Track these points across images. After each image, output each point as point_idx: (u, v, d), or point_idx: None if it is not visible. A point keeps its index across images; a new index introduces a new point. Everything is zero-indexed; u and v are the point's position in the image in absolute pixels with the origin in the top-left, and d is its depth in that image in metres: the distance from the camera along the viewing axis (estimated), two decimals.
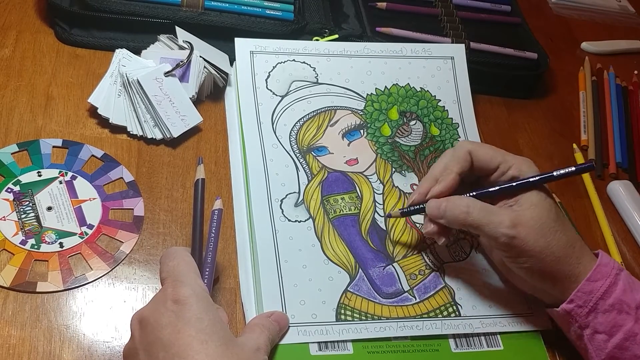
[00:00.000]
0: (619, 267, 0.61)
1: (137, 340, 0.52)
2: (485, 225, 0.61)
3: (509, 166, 0.65)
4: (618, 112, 0.94)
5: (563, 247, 0.61)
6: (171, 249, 0.58)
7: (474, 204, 0.63)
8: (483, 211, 0.62)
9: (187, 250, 0.59)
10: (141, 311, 0.54)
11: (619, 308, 0.60)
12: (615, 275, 0.61)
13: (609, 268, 0.61)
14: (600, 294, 0.60)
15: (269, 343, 0.57)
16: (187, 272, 0.55)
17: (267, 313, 0.61)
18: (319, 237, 0.68)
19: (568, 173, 0.64)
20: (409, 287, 0.67)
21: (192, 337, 0.50)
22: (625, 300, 0.60)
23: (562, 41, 1.06)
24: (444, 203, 0.64)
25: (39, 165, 0.70)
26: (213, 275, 0.59)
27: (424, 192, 0.66)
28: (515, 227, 0.60)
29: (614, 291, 0.60)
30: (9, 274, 0.61)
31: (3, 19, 0.83)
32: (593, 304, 0.60)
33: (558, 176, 0.64)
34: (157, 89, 0.75)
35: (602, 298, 0.60)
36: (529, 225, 0.61)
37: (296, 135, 0.75)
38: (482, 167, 0.65)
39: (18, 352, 0.57)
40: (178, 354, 0.50)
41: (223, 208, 0.62)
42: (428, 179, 0.66)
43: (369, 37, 0.88)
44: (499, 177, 0.65)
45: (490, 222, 0.61)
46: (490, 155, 0.65)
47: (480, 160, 0.65)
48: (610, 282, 0.60)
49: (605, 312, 0.60)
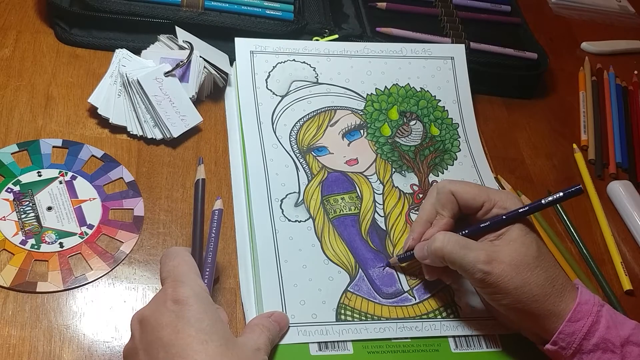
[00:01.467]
0: (599, 302, 0.59)
1: (137, 340, 0.52)
2: (460, 260, 0.60)
3: (493, 204, 0.63)
4: (618, 112, 0.94)
5: (541, 285, 0.58)
6: (171, 249, 0.58)
7: (448, 237, 0.61)
8: (457, 245, 0.60)
9: (187, 250, 0.59)
10: (141, 311, 0.54)
11: (604, 347, 0.57)
12: (597, 312, 0.58)
13: (589, 305, 0.58)
14: (583, 334, 0.57)
15: (269, 343, 0.57)
16: (187, 272, 0.55)
17: (267, 313, 0.61)
18: (319, 237, 0.68)
19: (556, 199, 0.62)
20: (408, 287, 0.67)
21: (192, 337, 0.50)
22: (610, 339, 0.57)
23: (562, 41, 1.06)
24: (427, 244, 0.62)
25: (39, 165, 0.70)
26: (213, 276, 0.59)
27: (418, 237, 0.65)
28: (490, 263, 0.58)
29: (597, 330, 0.58)
30: (9, 274, 0.61)
31: (3, 19, 0.83)
32: (577, 345, 0.57)
33: (546, 204, 0.62)
34: (157, 89, 0.75)
35: (586, 338, 0.57)
36: (505, 261, 0.58)
37: (296, 135, 0.75)
38: (466, 206, 0.64)
39: (18, 352, 0.57)
40: (178, 353, 0.50)
41: (223, 208, 0.62)
42: (420, 223, 0.65)
43: (369, 37, 0.88)
44: (484, 215, 0.63)
45: (465, 257, 0.59)
46: (473, 195, 0.63)
47: (464, 199, 0.63)
48: (592, 320, 0.58)
49: (590, 352, 0.57)
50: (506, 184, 0.80)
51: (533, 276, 0.58)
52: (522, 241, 0.60)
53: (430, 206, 0.65)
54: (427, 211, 0.65)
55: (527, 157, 0.86)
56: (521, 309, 0.59)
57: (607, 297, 0.73)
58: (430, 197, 0.66)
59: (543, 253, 0.60)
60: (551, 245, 0.75)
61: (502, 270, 0.58)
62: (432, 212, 0.65)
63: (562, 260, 0.74)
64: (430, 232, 0.64)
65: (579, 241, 0.77)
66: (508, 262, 0.58)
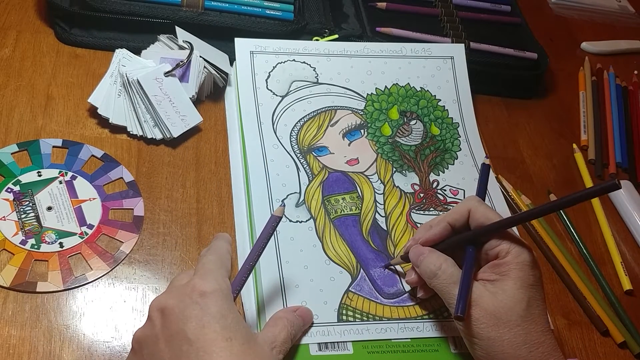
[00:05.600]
0: None
1: (159, 328, 0.52)
2: (446, 294, 0.59)
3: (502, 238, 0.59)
4: (618, 112, 0.94)
5: (516, 346, 0.55)
6: (216, 244, 0.59)
7: (446, 269, 0.59)
8: (450, 279, 0.58)
9: (228, 247, 0.59)
10: (164, 299, 0.53)
11: None
12: None
13: None
14: None
15: (290, 339, 0.57)
16: (218, 269, 0.55)
17: (292, 307, 0.61)
18: (320, 237, 0.68)
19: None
20: (410, 287, 0.67)
21: (217, 334, 0.50)
22: None
23: (562, 41, 1.06)
24: (425, 254, 0.61)
25: (39, 165, 0.69)
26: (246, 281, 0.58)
27: (418, 239, 0.63)
28: (470, 306, 0.56)
29: None
30: (9, 274, 0.61)
31: (3, 19, 0.83)
32: None
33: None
34: (157, 89, 0.75)
35: None
36: (486, 308, 0.56)
37: (297, 136, 0.75)
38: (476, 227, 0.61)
39: (18, 352, 0.57)
40: (203, 348, 0.50)
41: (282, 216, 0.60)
42: (425, 226, 0.65)
43: (369, 37, 0.88)
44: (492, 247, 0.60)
45: (451, 292, 0.58)
46: (486, 218, 0.60)
47: (475, 219, 0.61)
48: None
49: None
50: (507, 184, 0.80)
51: (509, 334, 0.55)
52: (513, 295, 0.56)
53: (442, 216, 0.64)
54: (437, 219, 0.64)
55: (527, 157, 0.86)
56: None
57: (607, 297, 0.73)
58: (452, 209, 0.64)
59: (532, 315, 0.56)
60: (551, 245, 0.75)
61: (480, 316, 0.56)
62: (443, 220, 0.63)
63: (563, 260, 0.74)
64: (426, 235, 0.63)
65: (579, 241, 0.78)
66: (490, 311, 0.56)
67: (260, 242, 0.59)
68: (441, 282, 0.59)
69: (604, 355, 0.69)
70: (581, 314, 0.71)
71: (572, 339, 0.69)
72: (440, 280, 0.59)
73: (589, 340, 0.70)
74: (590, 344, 0.69)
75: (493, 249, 0.60)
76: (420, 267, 0.61)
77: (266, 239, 0.59)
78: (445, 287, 0.59)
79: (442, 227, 0.62)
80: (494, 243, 0.59)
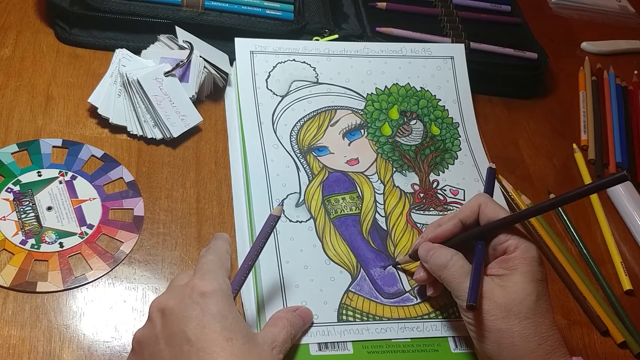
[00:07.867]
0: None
1: (159, 329, 0.52)
2: (456, 286, 0.58)
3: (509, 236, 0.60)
4: (618, 112, 0.94)
5: (526, 337, 0.55)
6: (215, 244, 0.59)
7: (457, 261, 0.59)
8: (461, 271, 0.58)
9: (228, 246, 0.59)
10: (164, 300, 0.54)
11: None
12: None
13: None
14: None
15: (289, 339, 0.57)
16: (218, 269, 0.55)
17: (292, 307, 0.61)
18: (320, 237, 0.68)
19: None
20: (410, 287, 0.67)
21: (217, 334, 0.50)
22: None
23: (562, 41, 1.06)
24: (434, 249, 0.61)
25: (39, 165, 0.69)
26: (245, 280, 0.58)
27: (427, 237, 0.63)
28: (481, 298, 0.56)
29: None
30: (9, 274, 0.61)
31: (3, 19, 0.83)
32: None
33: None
34: (157, 89, 0.75)
35: None
36: (497, 301, 0.56)
37: (297, 136, 0.75)
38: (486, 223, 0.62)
39: (18, 352, 0.57)
40: (204, 349, 0.50)
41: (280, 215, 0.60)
42: (433, 224, 0.64)
43: (369, 37, 0.88)
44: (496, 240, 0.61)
45: (461, 284, 0.58)
46: (495, 214, 0.61)
47: (485, 215, 0.61)
48: None
49: None
50: (506, 184, 0.80)
51: (520, 326, 0.55)
52: (523, 287, 0.57)
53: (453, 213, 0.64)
54: (447, 216, 0.64)
55: (527, 157, 0.86)
56: (499, 354, 0.56)
57: (607, 297, 0.73)
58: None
59: (541, 308, 0.57)
60: (551, 245, 0.75)
61: (491, 308, 0.56)
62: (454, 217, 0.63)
63: (563, 260, 0.74)
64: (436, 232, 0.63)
65: (579, 241, 0.78)
66: (500, 303, 0.56)
67: (258, 242, 0.59)
68: (452, 274, 0.59)
69: (604, 355, 0.69)
70: (581, 313, 0.71)
71: (572, 339, 0.69)
72: (451, 271, 0.59)
73: (589, 340, 0.69)
74: (590, 343, 0.69)
75: (501, 244, 0.60)
76: (430, 262, 0.61)
77: (265, 239, 0.59)
78: (455, 279, 0.59)
79: (452, 223, 0.62)
80: (503, 238, 0.60)
